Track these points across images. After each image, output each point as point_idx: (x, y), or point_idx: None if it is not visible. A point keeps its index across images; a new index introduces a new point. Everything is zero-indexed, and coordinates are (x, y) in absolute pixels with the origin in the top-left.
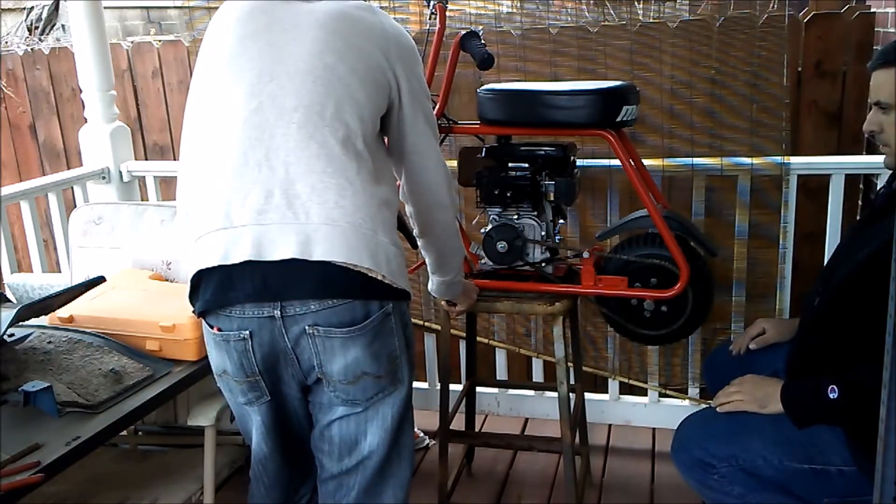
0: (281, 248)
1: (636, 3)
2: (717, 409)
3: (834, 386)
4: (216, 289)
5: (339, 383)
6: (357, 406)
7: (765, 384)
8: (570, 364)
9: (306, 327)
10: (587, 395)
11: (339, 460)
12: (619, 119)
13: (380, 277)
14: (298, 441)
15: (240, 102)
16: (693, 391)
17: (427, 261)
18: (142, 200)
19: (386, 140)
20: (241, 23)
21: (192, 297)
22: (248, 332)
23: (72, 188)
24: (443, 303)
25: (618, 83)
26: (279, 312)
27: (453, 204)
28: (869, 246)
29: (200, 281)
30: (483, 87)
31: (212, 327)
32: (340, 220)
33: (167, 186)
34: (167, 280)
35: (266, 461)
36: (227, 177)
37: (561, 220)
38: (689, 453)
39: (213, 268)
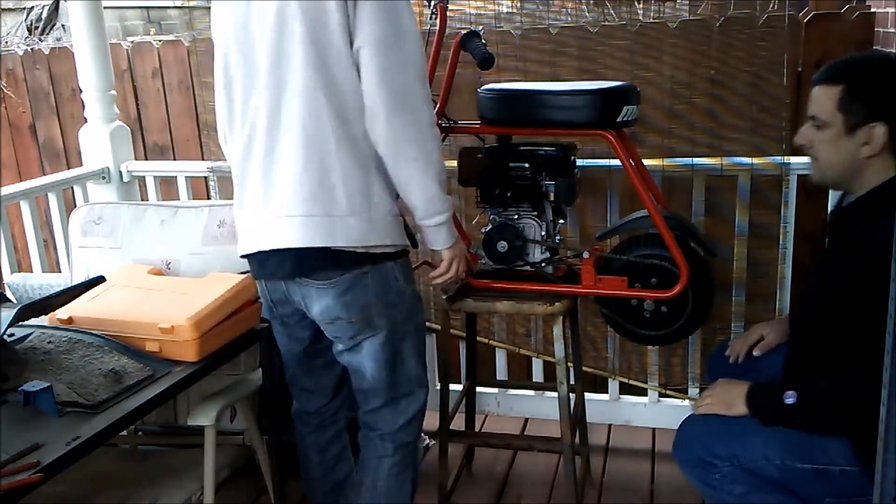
0: (265, 241)
1: (636, 3)
2: (695, 412)
3: (791, 392)
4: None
5: (321, 323)
6: (347, 342)
7: (732, 387)
8: (569, 364)
9: (296, 276)
10: (587, 396)
11: (358, 382)
12: (619, 119)
13: (342, 248)
14: (312, 355)
15: (236, 121)
16: (693, 391)
17: (403, 196)
18: (142, 200)
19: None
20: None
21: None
22: (257, 261)
23: (72, 188)
24: (442, 298)
25: (618, 83)
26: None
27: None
28: (827, 271)
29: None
30: (483, 87)
31: None
32: (296, 212)
33: (167, 186)
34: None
35: (288, 365)
36: (238, 178)
37: (561, 220)
38: (691, 452)
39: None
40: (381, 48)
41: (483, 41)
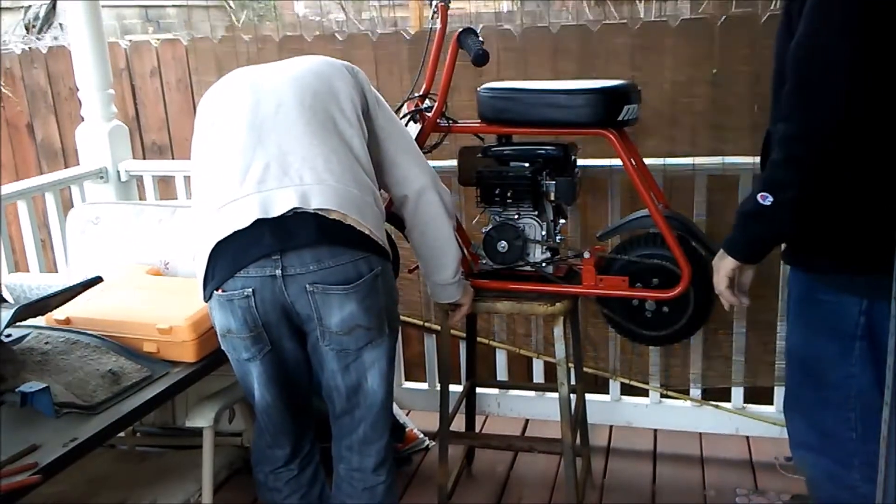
0: (283, 204)
1: (637, 2)
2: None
3: (759, 195)
4: (234, 255)
5: (334, 335)
6: (349, 356)
7: (718, 257)
8: (570, 365)
9: (306, 286)
10: (588, 396)
11: (348, 400)
12: (620, 118)
13: (367, 232)
14: (297, 388)
15: (236, 115)
16: (694, 392)
17: (421, 263)
18: (140, 200)
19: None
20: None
21: (207, 276)
22: (251, 289)
23: (69, 188)
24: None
25: (619, 82)
26: (280, 272)
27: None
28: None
29: (217, 256)
30: (483, 86)
31: (216, 289)
32: (329, 180)
33: (165, 186)
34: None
35: (270, 409)
36: (230, 166)
37: (562, 220)
38: (795, 451)
39: (228, 237)
40: (384, 107)
41: (480, 38)
